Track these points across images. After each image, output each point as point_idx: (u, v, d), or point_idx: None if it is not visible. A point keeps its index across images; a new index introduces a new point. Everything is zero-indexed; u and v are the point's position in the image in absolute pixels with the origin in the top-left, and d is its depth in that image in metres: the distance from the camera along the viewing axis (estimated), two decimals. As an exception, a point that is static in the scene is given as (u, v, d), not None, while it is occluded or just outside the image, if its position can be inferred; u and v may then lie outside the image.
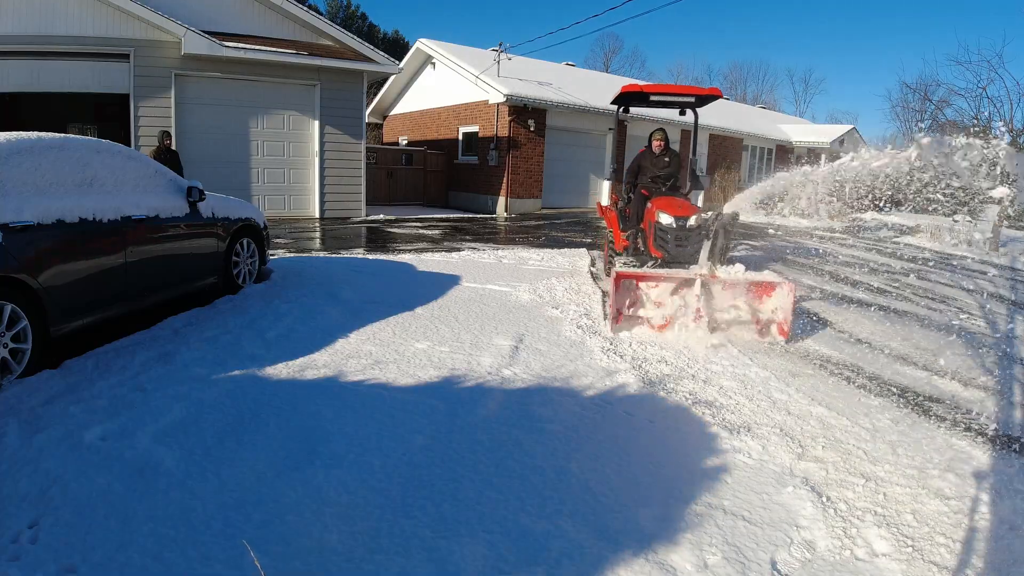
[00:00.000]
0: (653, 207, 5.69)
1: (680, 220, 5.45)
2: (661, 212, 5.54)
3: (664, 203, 5.66)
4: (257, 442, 2.78)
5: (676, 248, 5.44)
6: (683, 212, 5.51)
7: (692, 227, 5.43)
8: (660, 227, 5.52)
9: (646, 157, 6.52)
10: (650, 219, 5.73)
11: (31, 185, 3.50)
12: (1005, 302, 7.36)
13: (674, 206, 5.56)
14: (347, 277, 6.37)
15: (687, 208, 5.61)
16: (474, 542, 2.14)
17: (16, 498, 2.25)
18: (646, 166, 6.49)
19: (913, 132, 40.00)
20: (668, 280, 4.72)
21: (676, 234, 5.45)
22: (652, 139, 6.48)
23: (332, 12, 33.71)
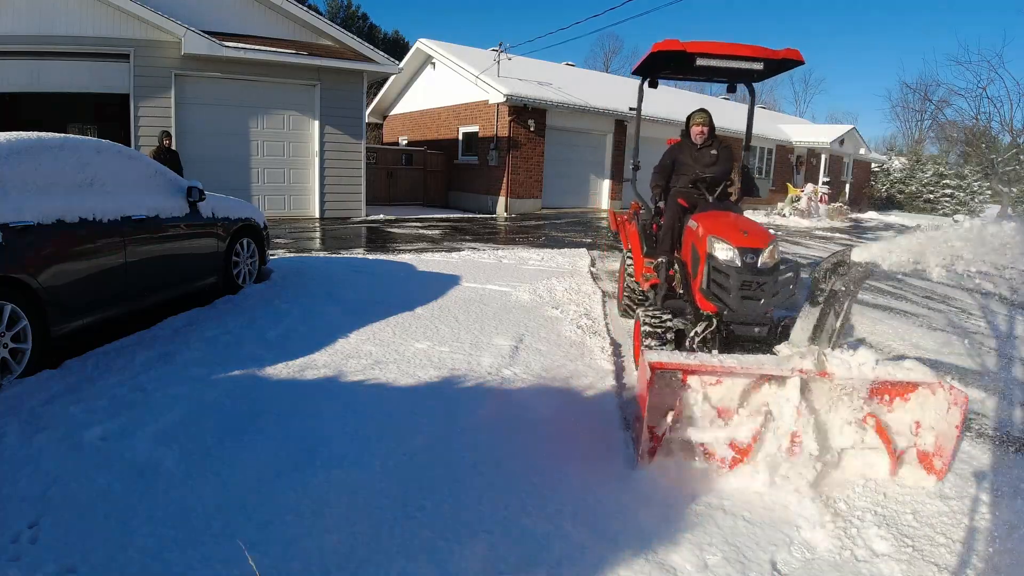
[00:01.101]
0: (701, 229, 3.71)
1: (750, 254, 3.41)
2: (716, 240, 3.52)
3: (719, 224, 3.65)
4: (257, 442, 2.78)
5: (741, 300, 3.43)
6: (753, 241, 3.45)
7: (767, 267, 3.44)
8: (716, 264, 3.50)
9: (683, 150, 4.59)
10: (695, 245, 3.78)
11: (31, 185, 3.50)
12: (1005, 302, 7.36)
13: (736, 230, 3.53)
14: (347, 277, 6.37)
15: (757, 234, 3.52)
16: (475, 543, 2.14)
17: (16, 498, 2.25)
18: (685, 162, 4.54)
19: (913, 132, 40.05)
20: (741, 376, 2.73)
21: (743, 278, 3.40)
22: (691, 124, 4.58)
23: (332, 12, 33.71)
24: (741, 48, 4.15)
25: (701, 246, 3.65)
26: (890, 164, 30.98)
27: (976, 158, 15.36)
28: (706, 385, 2.74)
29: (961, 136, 15.99)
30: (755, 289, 3.42)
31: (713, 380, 2.73)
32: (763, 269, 3.42)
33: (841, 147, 24.58)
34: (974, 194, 26.10)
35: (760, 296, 3.42)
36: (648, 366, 2.63)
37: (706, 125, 4.53)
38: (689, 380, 2.71)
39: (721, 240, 3.50)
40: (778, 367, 2.69)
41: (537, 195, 16.01)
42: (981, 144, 14.45)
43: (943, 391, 2.69)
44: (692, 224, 3.92)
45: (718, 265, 3.49)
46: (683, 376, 2.70)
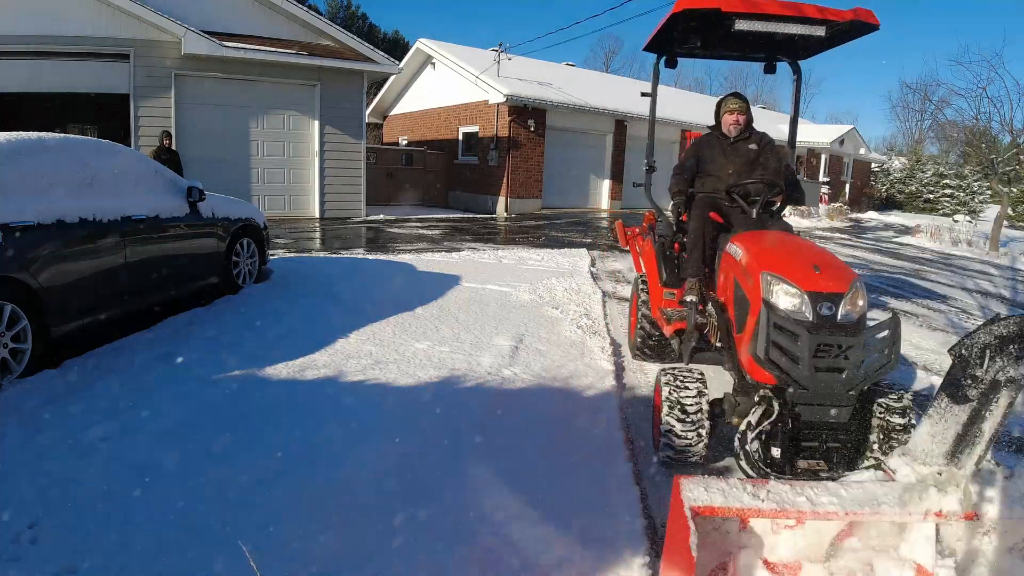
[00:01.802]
0: (749, 259, 2.64)
1: (826, 303, 2.34)
2: (778, 281, 2.42)
3: (776, 254, 2.60)
4: (257, 442, 2.78)
5: (815, 372, 2.32)
6: (831, 283, 2.38)
7: (853, 319, 2.38)
8: (778, 319, 2.38)
9: (711, 145, 3.60)
10: (739, 282, 2.70)
11: (31, 185, 3.50)
12: (1005, 302, 7.36)
13: (803, 264, 2.46)
14: (347, 277, 6.37)
15: (835, 271, 2.45)
16: (473, 544, 2.14)
17: (16, 498, 2.25)
18: (714, 161, 3.54)
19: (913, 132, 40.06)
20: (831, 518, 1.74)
21: (819, 340, 2.30)
22: (723, 111, 3.60)
23: (332, 12, 33.72)
24: (793, 7, 3.15)
25: (751, 286, 2.55)
26: (890, 164, 30.98)
27: (976, 158, 15.35)
28: (779, 528, 1.79)
29: (961, 136, 15.98)
30: (836, 356, 2.30)
31: (789, 522, 1.78)
32: (846, 324, 2.34)
33: (841, 147, 24.58)
34: (974, 194, 26.12)
35: (843, 366, 2.30)
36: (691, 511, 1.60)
37: (743, 113, 3.54)
38: (752, 525, 1.79)
39: (783, 281, 2.39)
40: (902, 508, 1.69)
41: (537, 195, 16.02)
42: (981, 144, 14.44)
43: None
44: (733, 249, 2.81)
45: (780, 320, 2.36)
46: (745, 523, 1.79)
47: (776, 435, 2.38)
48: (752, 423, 2.43)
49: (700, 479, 1.73)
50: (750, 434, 2.41)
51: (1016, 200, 20.90)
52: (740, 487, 1.73)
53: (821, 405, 2.36)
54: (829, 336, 2.30)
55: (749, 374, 2.60)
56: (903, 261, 10.71)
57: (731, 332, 2.80)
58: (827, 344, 2.30)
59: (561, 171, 16.62)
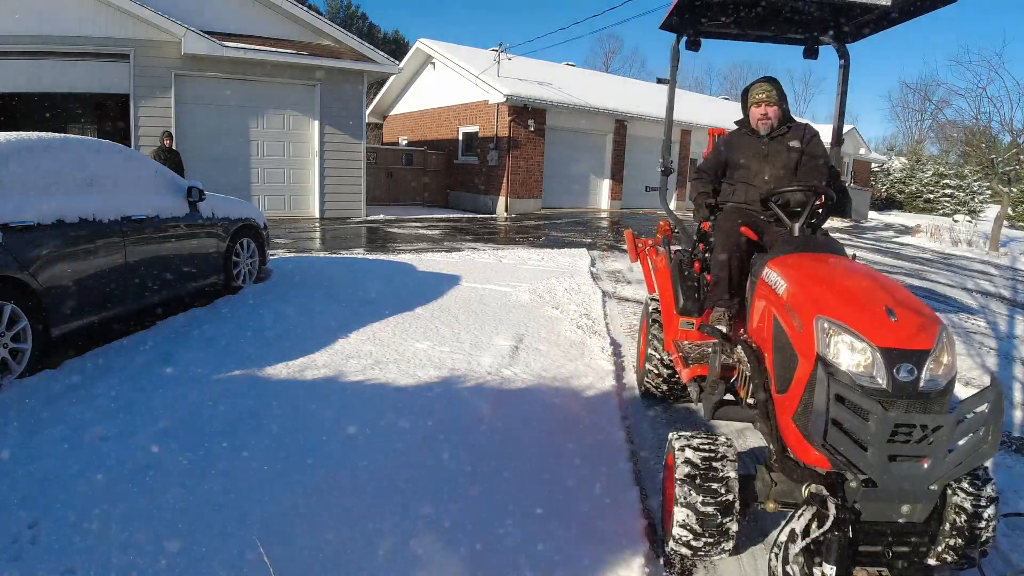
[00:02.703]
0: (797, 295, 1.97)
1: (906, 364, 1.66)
2: (839, 329, 1.74)
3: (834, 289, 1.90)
4: (257, 442, 2.78)
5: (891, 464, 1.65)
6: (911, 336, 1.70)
7: (940, 387, 1.70)
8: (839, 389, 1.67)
9: (743, 145, 2.93)
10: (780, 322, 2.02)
11: (31, 185, 3.50)
12: (1005, 302, 7.37)
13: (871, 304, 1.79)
14: (347, 277, 6.37)
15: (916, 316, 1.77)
16: (474, 544, 2.14)
17: (16, 498, 2.25)
18: (747, 163, 2.90)
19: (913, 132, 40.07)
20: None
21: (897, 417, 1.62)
22: (749, 102, 2.90)
23: (332, 12, 33.73)
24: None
25: (799, 333, 1.89)
26: (890, 164, 30.98)
27: (976, 158, 15.34)
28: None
29: (961, 136, 15.98)
30: (918, 440, 1.65)
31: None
32: (932, 393, 1.70)
33: (841, 147, 24.57)
34: (974, 194, 26.13)
35: (926, 452, 1.66)
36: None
37: (773, 103, 2.82)
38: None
39: (847, 331, 1.74)
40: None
41: (537, 195, 16.02)
42: (981, 144, 14.44)
43: None
44: (772, 278, 2.16)
45: (843, 387, 1.69)
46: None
47: (831, 547, 1.72)
48: (797, 532, 1.78)
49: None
50: (793, 548, 1.77)
51: (1016, 200, 20.90)
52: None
53: (891, 501, 1.76)
54: (910, 412, 1.67)
55: (792, 450, 1.95)
56: (903, 261, 10.71)
57: (769, 388, 2.07)
58: (908, 424, 1.64)
59: (561, 171, 16.62)
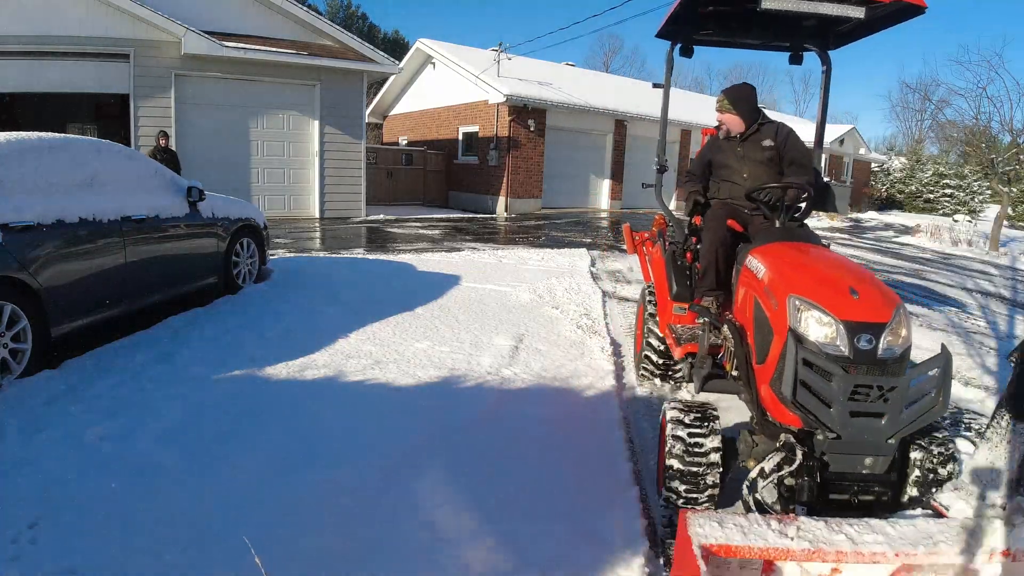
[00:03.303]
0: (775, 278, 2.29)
1: (866, 335, 2.00)
2: (808, 307, 2.08)
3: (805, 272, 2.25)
4: (257, 442, 2.78)
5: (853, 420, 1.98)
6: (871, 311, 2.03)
7: (896, 354, 2.03)
8: (807, 355, 2.01)
9: (723, 147, 3.25)
10: (760, 304, 2.35)
11: (31, 185, 3.50)
12: (1005, 302, 7.37)
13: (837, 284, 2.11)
14: (347, 277, 6.37)
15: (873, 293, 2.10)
16: (473, 543, 2.14)
17: (16, 498, 2.25)
18: (727, 163, 3.22)
19: (913, 132, 40.08)
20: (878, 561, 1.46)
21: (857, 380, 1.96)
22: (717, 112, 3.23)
23: (332, 12, 33.73)
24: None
25: (775, 310, 2.20)
26: (890, 164, 30.97)
27: (976, 158, 15.34)
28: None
29: (961, 136, 15.97)
30: (876, 399, 1.95)
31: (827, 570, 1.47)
32: (889, 360, 1.99)
33: (841, 147, 24.58)
34: (974, 194, 26.12)
35: (883, 411, 1.95)
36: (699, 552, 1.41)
37: (735, 109, 3.10)
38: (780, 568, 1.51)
39: (815, 307, 2.04)
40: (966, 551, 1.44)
41: (537, 195, 16.02)
42: (981, 144, 14.44)
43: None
44: (754, 264, 2.47)
45: (811, 353, 1.99)
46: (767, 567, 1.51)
47: (802, 490, 1.99)
48: (766, 470, 2.06)
49: (712, 514, 1.50)
50: (761, 482, 2.04)
51: (1016, 200, 20.90)
52: (763, 523, 1.48)
53: (854, 454, 2.03)
54: (868, 375, 1.97)
55: (770, 413, 2.25)
56: (903, 261, 10.71)
57: (750, 361, 2.41)
58: (866, 384, 1.95)
59: (561, 171, 16.62)
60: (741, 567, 1.51)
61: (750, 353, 2.41)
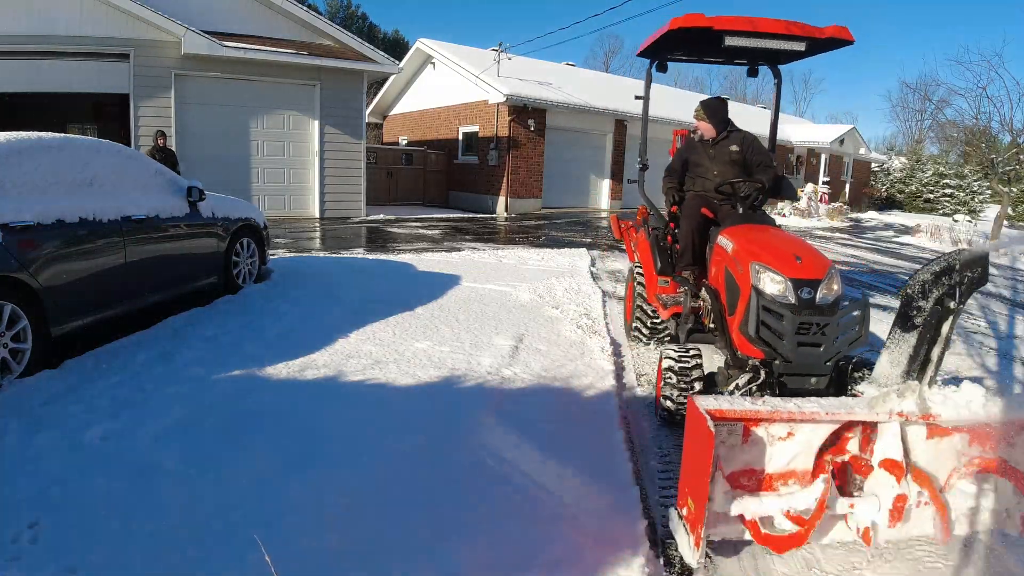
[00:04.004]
0: (738, 251, 2.99)
1: (804, 288, 2.69)
2: (762, 268, 2.78)
3: (762, 245, 2.92)
4: (257, 442, 2.78)
5: (799, 349, 2.69)
6: (810, 271, 2.73)
7: (827, 302, 2.72)
8: (765, 302, 2.74)
9: (697, 149, 3.91)
10: (730, 271, 3.05)
11: (31, 185, 3.50)
12: (1005, 302, 7.36)
13: (786, 255, 2.79)
14: (347, 277, 6.37)
15: (813, 260, 2.79)
16: (473, 543, 2.14)
17: (16, 498, 2.25)
18: (700, 163, 3.87)
19: (913, 132, 40.07)
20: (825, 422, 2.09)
21: (801, 320, 2.66)
22: (695, 119, 3.91)
23: (332, 12, 33.73)
24: (778, 24, 3.47)
25: (741, 274, 2.92)
26: (890, 164, 30.97)
27: (976, 158, 15.35)
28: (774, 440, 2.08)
29: (961, 136, 15.98)
30: (815, 332, 2.66)
31: (784, 434, 2.08)
32: (824, 306, 2.69)
33: (841, 147, 24.59)
34: (974, 194, 26.12)
35: (821, 342, 2.66)
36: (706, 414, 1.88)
37: (708, 119, 3.81)
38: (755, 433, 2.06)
39: (769, 269, 2.75)
40: (870, 410, 2.06)
41: (537, 195, 16.02)
42: (981, 144, 14.43)
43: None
44: (724, 242, 3.16)
45: (767, 302, 2.72)
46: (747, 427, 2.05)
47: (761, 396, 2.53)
48: (739, 385, 2.75)
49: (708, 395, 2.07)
50: (737, 394, 2.70)
51: (1016, 200, 20.89)
52: (742, 400, 2.08)
53: (802, 375, 2.74)
54: (809, 316, 2.67)
55: (740, 350, 2.96)
56: (903, 261, 10.70)
57: (723, 315, 3.12)
58: (807, 323, 2.67)
59: (561, 171, 16.62)
60: (729, 433, 2.05)
61: (723, 308, 3.13)
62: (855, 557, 2.22)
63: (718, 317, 3.18)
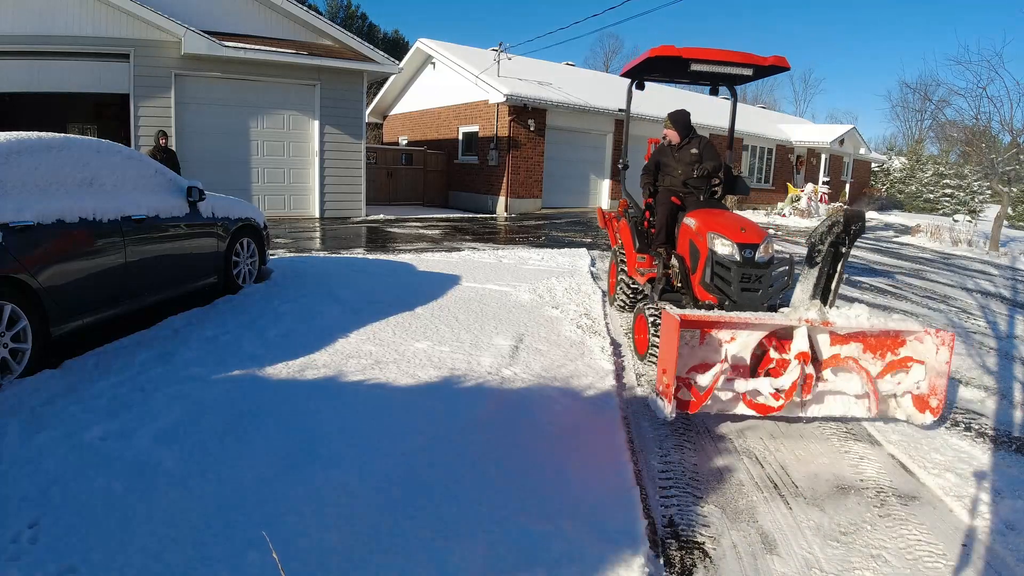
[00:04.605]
0: (699, 226, 4.07)
1: (746, 250, 3.76)
2: (716, 236, 3.87)
3: (714, 221, 4.01)
4: (257, 442, 2.78)
5: (743, 293, 3.75)
6: (748, 237, 3.81)
7: (763, 261, 3.81)
8: (717, 259, 3.85)
9: (664, 152, 4.87)
10: (693, 241, 4.13)
11: (31, 185, 3.50)
12: (1006, 302, 7.36)
13: (732, 227, 3.90)
14: (347, 277, 6.37)
15: (752, 230, 3.89)
16: (474, 543, 2.14)
17: (16, 498, 2.25)
18: (668, 163, 4.82)
19: (913, 132, 40.05)
20: (757, 327, 3.15)
21: (743, 271, 3.75)
22: (664, 128, 4.92)
23: (332, 12, 33.71)
24: (732, 55, 4.47)
25: (701, 242, 3.99)
26: (890, 164, 30.96)
27: (976, 158, 15.32)
28: (723, 342, 3.19)
29: (961, 136, 15.97)
30: (754, 281, 3.78)
31: (729, 336, 3.19)
32: (760, 263, 3.79)
33: (841, 147, 24.58)
34: (974, 194, 26.10)
35: (758, 288, 3.78)
36: (679, 320, 2.94)
37: (673, 128, 4.76)
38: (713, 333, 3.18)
39: (721, 236, 3.85)
40: (787, 319, 3.15)
41: (537, 195, 16.01)
42: (981, 144, 14.43)
43: (931, 336, 3.18)
44: (689, 222, 4.25)
45: (720, 259, 3.84)
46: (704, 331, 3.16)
47: None
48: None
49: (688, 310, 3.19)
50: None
51: (1016, 200, 20.87)
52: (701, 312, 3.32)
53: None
54: (749, 269, 3.76)
55: (700, 298, 4.07)
56: (903, 261, 10.70)
57: (688, 275, 4.20)
58: (748, 274, 3.77)
59: (561, 171, 16.61)
60: (690, 337, 3.14)
61: (688, 269, 4.20)
62: (854, 557, 2.23)
63: (684, 277, 4.24)
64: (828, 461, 2.96)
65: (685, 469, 2.83)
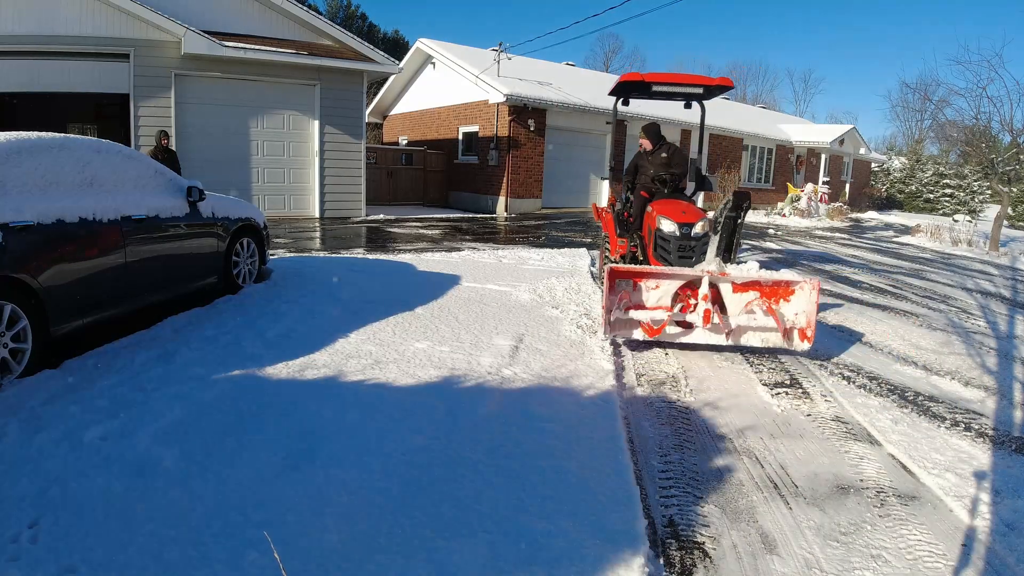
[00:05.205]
0: (653, 211, 5.24)
1: (684, 227, 4.99)
2: (662, 218, 5.08)
3: (665, 207, 5.20)
4: (257, 442, 2.78)
5: (680, 259, 4.98)
6: (687, 218, 5.03)
7: (698, 235, 4.97)
8: (661, 235, 5.08)
9: (641, 156, 6.02)
10: (650, 225, 5.29)
11: (31, 185, 3.49)
12: (1006, 302, 7.36)
13: (677, 211, 5.09)
14: (347, 277, 6.37)
15: (692, 213, 5.12)
16: (474, 542, 2.14)
17: (16, 498, 2.25)
18: (644, 165, 5.96)
19: (913, 132, 40.03)
20: (670, 278, 4.43)
21: (679, 243, 4.98)
22: (640, 138, 6.04)
23: (332, 12, 33.70)
24: (685, 77, 5.84)
25: (653, 223, 5.21)
26: (890, 164, 30.96)
27: (976, 158, 15.32)
28: (648, 286, 4.49)
29: (961, 136, 15.96)
30: (687, 251, 5.01)
31: (654, 284, 4.48)
32: (695, 237, 5.01)
33: (841, 147, 24.58)
34: (974, 194, 26.10)
35: (691, 256, 4.99)
36: (609, 270, 4.28)
37: (646, 138, 5.91)
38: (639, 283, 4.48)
39: (666, 218, 5.09)
40: (694, 271, 4.39)
41: (537, 195, 16.01)
42: (981, 144, 14.43)
43: (807, 285, 4.31)
44: (650, 209, 5.40)
45: (663, 235, 5.10)
46: (634, 280, 4.48)
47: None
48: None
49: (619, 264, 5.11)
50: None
51: (1016, 200, 20.87)
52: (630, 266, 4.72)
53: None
54: (685, 242, 5.01)
55: (651, 263, 5.22)
56: (903, 261, 10.70)
57: (647, 250, 5.41)
58: (683, 245, 5.01)
59: (561, 171, 16.61)
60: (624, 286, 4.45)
61: (647, 245, 5.39)
62: (854, 557, 2.23)
63: (644, 252, 5.55)
64: (828, 461, 2.96)
65: (685, 469, 2.83)
